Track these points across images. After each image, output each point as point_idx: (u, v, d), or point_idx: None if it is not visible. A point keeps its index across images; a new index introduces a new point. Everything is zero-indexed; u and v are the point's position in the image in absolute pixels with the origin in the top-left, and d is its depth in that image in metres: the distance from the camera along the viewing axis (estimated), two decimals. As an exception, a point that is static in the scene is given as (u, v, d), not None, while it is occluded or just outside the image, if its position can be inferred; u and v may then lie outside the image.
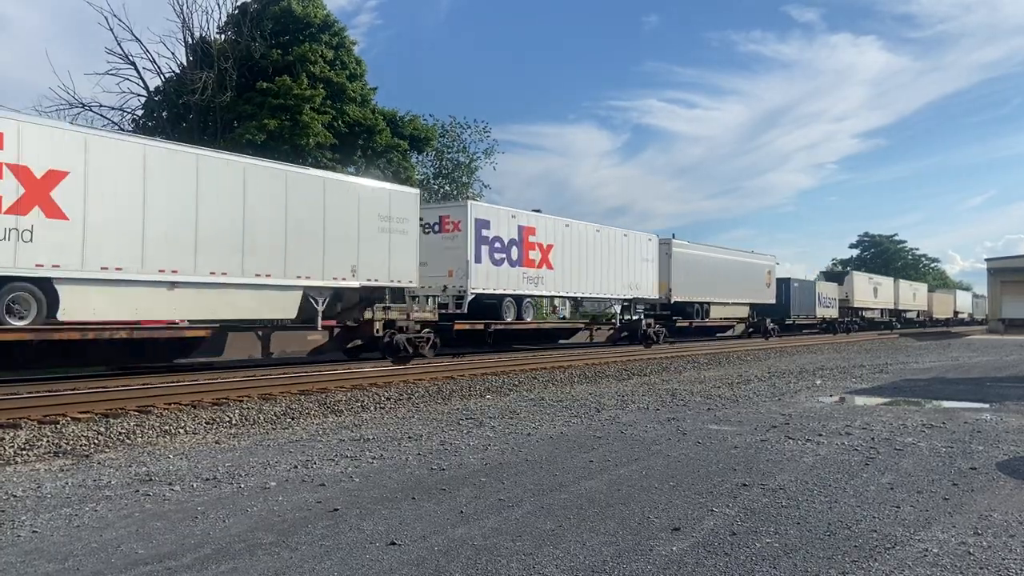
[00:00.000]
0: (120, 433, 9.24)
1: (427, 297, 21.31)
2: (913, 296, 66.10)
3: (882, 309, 58.66)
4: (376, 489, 6.40)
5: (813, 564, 4.57)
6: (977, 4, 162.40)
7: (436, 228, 21.17)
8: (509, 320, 22.71)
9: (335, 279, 16.78)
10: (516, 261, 22.47)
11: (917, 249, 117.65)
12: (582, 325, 28.30)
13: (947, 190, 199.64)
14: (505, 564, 4.54)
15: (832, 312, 48.24)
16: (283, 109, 29.43)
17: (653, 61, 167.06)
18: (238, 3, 32.80)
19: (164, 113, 32.70)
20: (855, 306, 51.92)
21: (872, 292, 55.53)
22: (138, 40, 34.25)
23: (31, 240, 11.98)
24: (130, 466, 7.41)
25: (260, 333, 16.15)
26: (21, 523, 5.40)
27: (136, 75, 32.36)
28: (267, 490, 6.38)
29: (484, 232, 21.34)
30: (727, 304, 35.51)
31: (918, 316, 68.28)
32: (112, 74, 31.87)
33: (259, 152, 26.69)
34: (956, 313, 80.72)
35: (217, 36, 32.54)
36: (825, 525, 5.37)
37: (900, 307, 61.61)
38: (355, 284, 17.28)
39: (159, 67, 32.78)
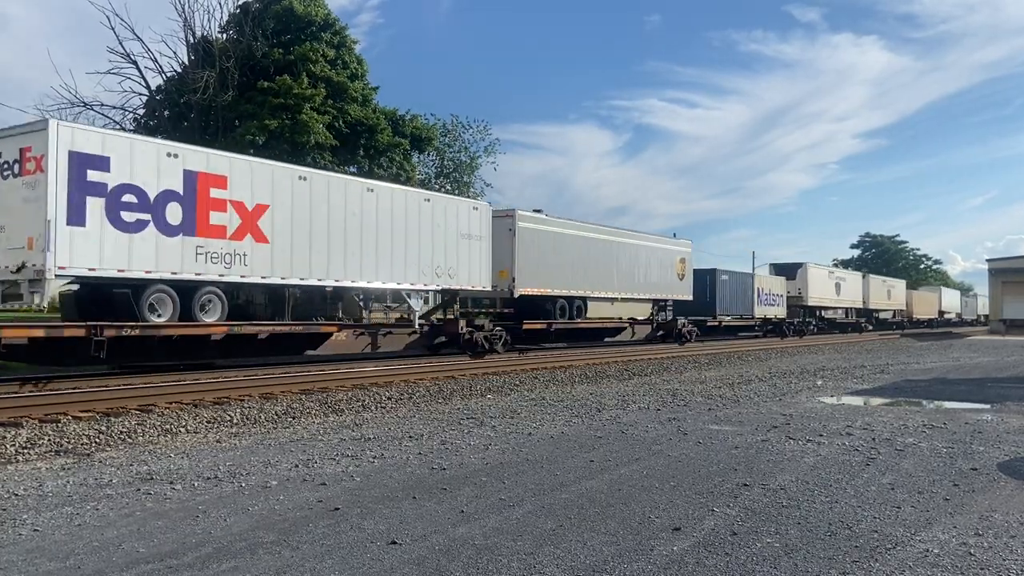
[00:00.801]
0: (121, 432, 9.26)
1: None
2: (888, 294, 58.52)
3: (847, 308, 51.22)
4: (377, 488, 6.41)
5: (814, 564, 4.57)
6: (979, 4, 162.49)
7: (15, 169, 12.66)
8: (162, 321, 13.80)
9: None
10: (180, 227, 13.88)
11: (918, 249, 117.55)
12: (334, 328, 17.30)
13: (948, 190, 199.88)
14: (506, 563, 4.55)
15: (778, 311, 40.62)
16: (284, 108, 29.44)
17: (655, 60, 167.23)
18: (239, 2, 32.82)
19: (166, 112, 32.71)
20: (810, 304, 44.31)
21: (833, 288, 47.73)
22: (140, 39, 34.41)
23: None
24: (131, 465, 7.42)
25: None
26: (23, 521, 5.41)
27: (138, 74, 32.38)
28: (268, 489, 6.38)
29: (94, 176, 12.75)
30: (616, 300, 27.26)
31: (894, 316, 61.11)
32: (114, 73, 31.91)
33: (260, 152, 26.75)
34: (941, 313, 73.40)
35: (219, 35, 32.55)
36: (826, 525, 5.37)
37: (871, 306, 54.26)
38: None
39: (160, 66, 32.81)
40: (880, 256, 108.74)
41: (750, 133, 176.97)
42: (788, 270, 44.26)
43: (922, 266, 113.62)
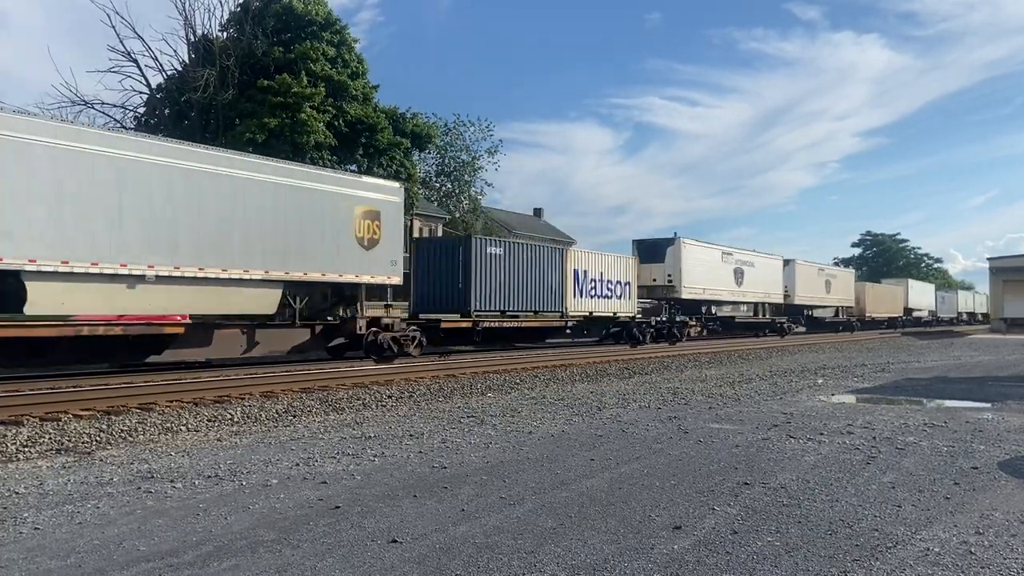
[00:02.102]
0: (122, 430, 9.26)
1: None
2: (826, 286, 45.47)
3: (756, 303, 38.00)
4: (377, 487, 6.41)
5: (814, 563, 4.57)
6: (980, 3, 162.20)
7: None
8: None
9: None
10: None
11: (919, 248, 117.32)
12: None
13: (949, 189, 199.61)
14: (506, 562, 4.55)
15: (622, 306, 27.71)
16: (283, 107, 29.42)
17: (655, 59, 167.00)
18: (240, 1, 32.79)
19: (166, 111, 32.69)
20: (686, 297, 31.13)
21: (730, 276, 34.53)
22: (140, 37, 34.44)
23: None
24: (132, 463, 7.42)
25: None
26: (23, 520, 5.41)
27: (138, 72, 32.36)
28: (269, 487, 6.38)
29: None
30: (147, 279, 13.86)
31: (837, 315, 48.83)
32: (114, 72, 31.89)
33: (260, 150, 26.74)
34: (909, 311, 61.71)
35: (219, 34, 32.52)
36: (826, 524, 5.37)
37: (800, 300, 41.49)
38: None
39: (161, 65, 32.77)
40: (881, 255, 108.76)
41: (751, 131, 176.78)
42: (655, 249, 30.94)
43: (923, 265, 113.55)
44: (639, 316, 28.90)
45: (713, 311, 34.93)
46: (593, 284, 26.45)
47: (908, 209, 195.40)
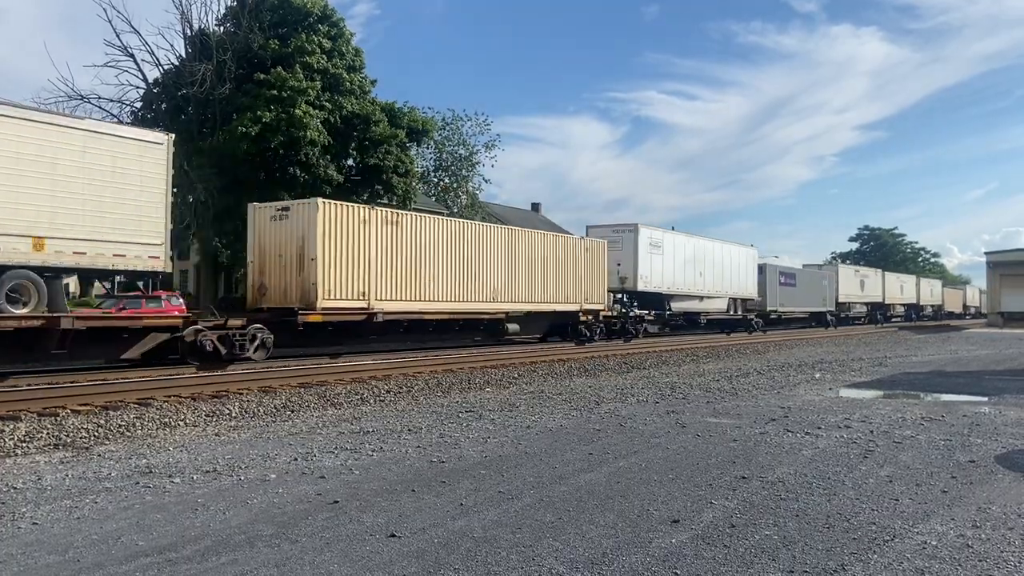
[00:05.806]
0: (120, 425, 9.25)
1: None
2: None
3: None
4: (376, 481, 6.41)
5: (812, 556, 4.58)
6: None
7: None
8: None
9: None
10: None
11: (916, 242, 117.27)
12: None
13: (947, 183, 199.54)
14: (505, 556, 4.55)
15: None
16: (278, 101, 29.33)
17: (653, 52, 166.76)
18: (237, -6, 32.64)
19: (163, 105, 32.57)
20: None
21: None
22: (137, 32, 34.34)
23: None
24: (130, 458, 7.42)
25: None
26: (22, 515, 5.41)
27: (135, 67, 32.22)
28: (267, 482, 6.38)
29: None
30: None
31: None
32: (111, 66, 31.74)
33: (253, 144, 26.67)
34: (635, 297, 28.83)
35: (216, 28, 32.42)
36: (824, 518, 5.39)
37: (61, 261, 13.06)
38: None
39: (158, 59, 32.61)
40: (878, 249, 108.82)
41: (749, 125, 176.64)
42: None
43: (920, 259, 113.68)
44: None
45: None
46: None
47: (906, 203, 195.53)
